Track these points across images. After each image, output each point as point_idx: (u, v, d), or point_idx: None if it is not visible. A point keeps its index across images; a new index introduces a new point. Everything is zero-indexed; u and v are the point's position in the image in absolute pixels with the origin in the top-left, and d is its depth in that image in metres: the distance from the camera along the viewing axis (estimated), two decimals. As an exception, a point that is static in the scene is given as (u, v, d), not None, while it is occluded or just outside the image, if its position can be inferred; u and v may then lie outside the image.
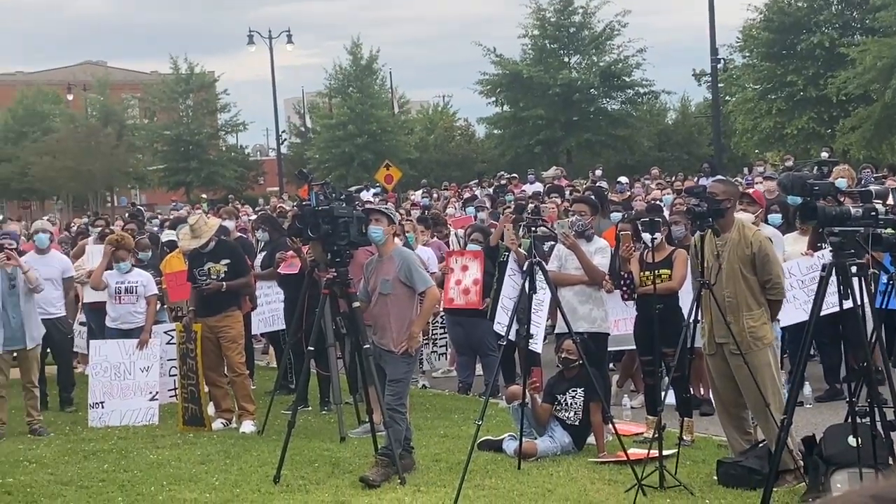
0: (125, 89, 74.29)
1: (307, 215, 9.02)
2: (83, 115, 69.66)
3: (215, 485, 8.50)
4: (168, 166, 63.90)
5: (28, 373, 10.97)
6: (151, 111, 68.67)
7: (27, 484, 8.78)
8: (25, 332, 10.87)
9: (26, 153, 64.76)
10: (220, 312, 10.81)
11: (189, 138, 62.65)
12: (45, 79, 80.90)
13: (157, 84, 67.02)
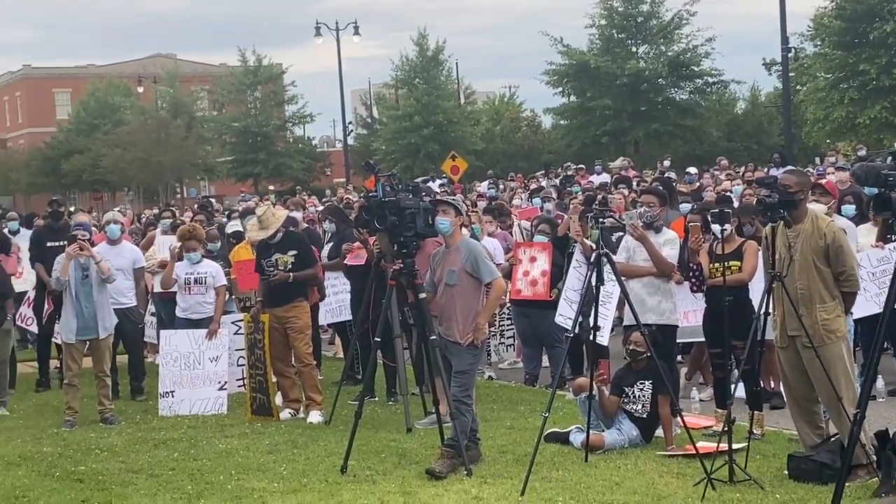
0: (194, 81, 75.10)
1: (374, 206, 9.02)
2: (153, 107, 70.59)
3: (283, 474, 8.55)
4: (236, 158, 64.51)
5: (100, 362, 11.12)
6: (220, 103, 69.37)
7: (98, 471, 8.90)
8: (98, 322, 11.02)
9: (98, 145, 65.78)
10: (288, 303, 10.86)
11: (257, 130, 63.20)
12: (116, 71, 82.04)
13: (225, 76, 67.69)
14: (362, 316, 10.81)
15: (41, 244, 13.40)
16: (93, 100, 74.21)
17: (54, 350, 13.57)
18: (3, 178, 74.69)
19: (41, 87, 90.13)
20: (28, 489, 8.40)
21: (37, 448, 9.92)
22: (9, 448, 9.97)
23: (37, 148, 75.74)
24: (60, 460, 9.38)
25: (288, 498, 7.85)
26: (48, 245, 13.16)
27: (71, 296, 10.96)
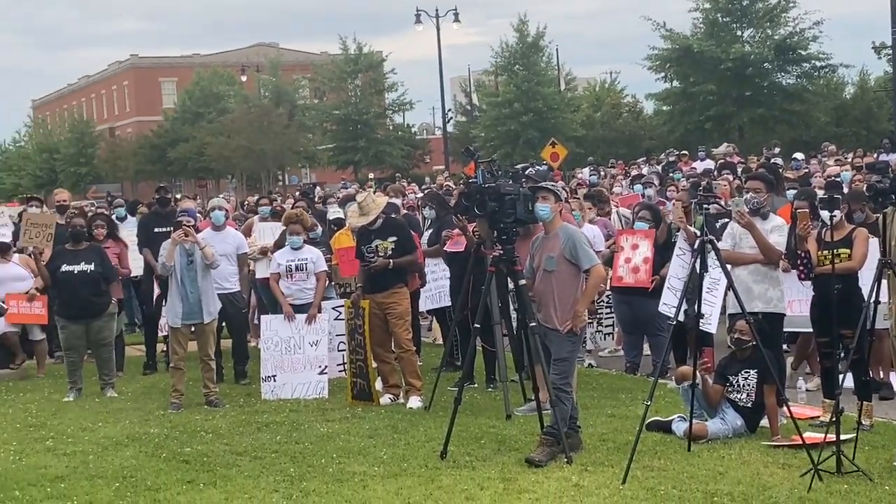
0: (296, 70, 75.91)
1: (473, 193, 8.99)
2: (256, 95, 71.54)
3: (383, 458, 8.59)
4: (337, 145, 65.09)
5: (205, 346, 11.30)
6: (321, 91, 70.01)
7: (204, 453, 9.04)
8: (202, 307, 11.20)
9: (202, 133, 66.92)
10: (388, 289, 10.91)
11: (357, 118, 63.65)
12: (220, 60, 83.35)
13: (326, 64, 68.27)
14: (461, 302, 10.80)
15: (149, 230, 13.67)
16: (197, 89, 75.47)
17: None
18: (111, 165, 76.53)
19: (148, 77, 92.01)
20: (136, 469, 8.57)
21: (144, 429, 10.12)
22: (117, 429, 10.19)
23: (144, 136, 77.42)
24: (167, 441, 9.56)
25: (388, 482, 7.89)
26: (155, 231, 13.42)
27: (176, 281, 11.16)
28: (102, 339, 12.13)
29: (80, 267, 11.99)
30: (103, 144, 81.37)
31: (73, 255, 12.13)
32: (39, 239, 13.67)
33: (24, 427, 10.48)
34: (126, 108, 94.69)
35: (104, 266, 12.11)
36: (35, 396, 12.19)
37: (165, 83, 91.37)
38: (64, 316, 12.17)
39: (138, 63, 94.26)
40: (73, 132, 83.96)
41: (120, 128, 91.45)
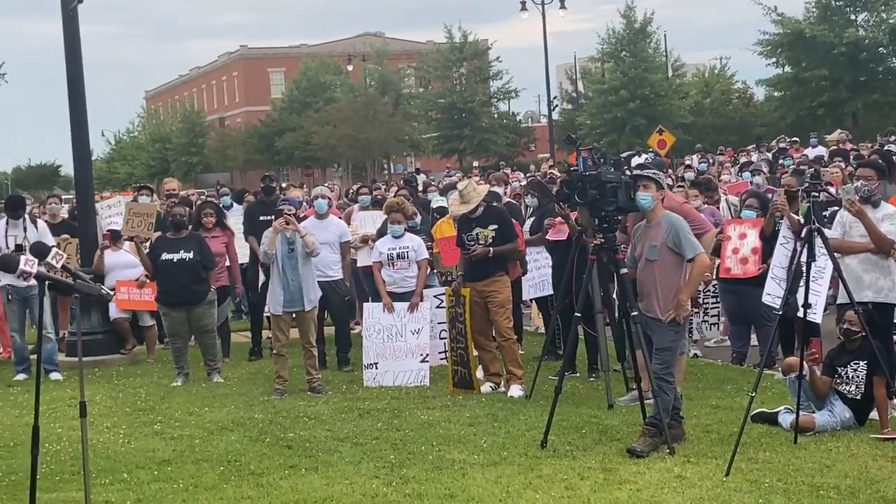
0: (401, 59, 76.33)
1: (575, 181, 8.92)
2: (362, 85, 72.09)
3: (483, 447, 8.58)
4: (441, 134, 65.29)
5: (306, 334, 11.42)
6: (426, 80, 70.29)
7: (306, 438, 9.14)
8: (303, 295, 11.31)
9: (309, 123, 67.69)
10: (488, 277, 10.89)
11: (462, 106, 63.75)
12: (326, 50, 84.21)
13: (432, 53, 68.50)
14: (563, 291, 10.73)
15: (254, 218, 13.86)
16: (305, 78, 76.37)
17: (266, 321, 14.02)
18: (221, 155, 77.92)
19: (257, 67, 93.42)
20: (240, 453, 8.70)
21: (248, 414, 10.27)
22: (223, 414, 10.36)
23: (252, 126, 78.64)
24: (270, 427, 9.69)
25: (488, 470, 7.88)
26: (260, 219, 13.59)
27: (278, 269, 11.30)
28: (204, 326, 12.33)
29: (179, 255, 12.19)
30: (213, 134, 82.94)
31: (172, 244, 12.35)
32: (141, 228, 13.97)
33: (134, 411, 10.72)
34: (235, 98, 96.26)
35: (203, 254, 12.30)
36: (145, 381, 12.46)
37: (274, 73, 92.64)
38: (164, 303, 12.41)
39: (247, 54, 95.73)
40: (185, 122, 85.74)
41: (229, 118, 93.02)
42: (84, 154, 14.73)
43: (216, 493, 7.57)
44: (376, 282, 12.17)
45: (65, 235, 15.00)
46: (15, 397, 11.73)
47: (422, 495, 7.30)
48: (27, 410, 10.88)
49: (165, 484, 7.87)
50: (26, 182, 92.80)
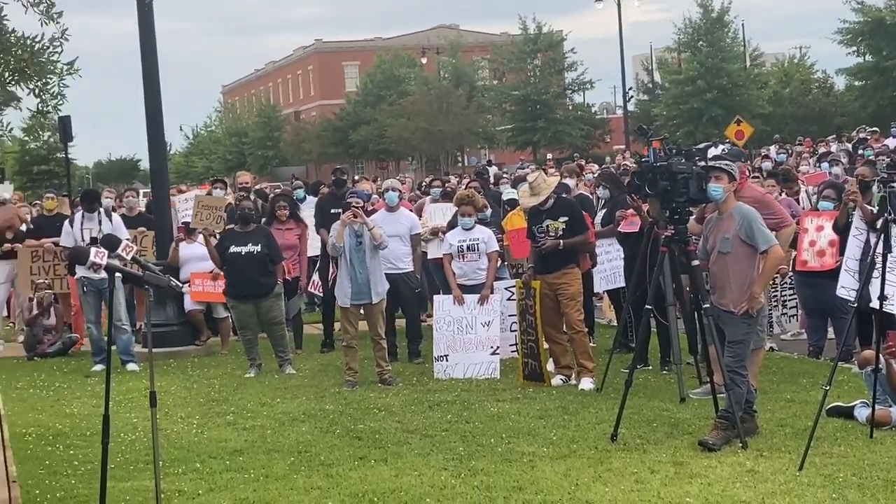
0: (475, 51, 76.31)
1: (646, 172, 8.83)
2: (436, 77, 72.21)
3: (553, 440, 8.54)
4: (516, 126, 65.18)
5: (375, 326, 11.44)
6: (500, 72, 70.20)
7: (376, 430, 9.18)
8: (371, 288, 11.33)
9: (383, 116, 68.02)
10: (559, 270, 10.83)
11: (536, 98, 63.59)
12: (401, 43, 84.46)
13: (506, 45, 68.37)
14: (635, 283, 10.62)
15: (325, 211, 13.93)
16: (379, 72, 76.73)
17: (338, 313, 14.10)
18: (296, 148, 78.62)
19: (331, 61, 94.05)
20: (311, 444, 8.76)
21: (320, 406, 10.33)
22: (294, 405, 10.44)
23: (327, 119, 79.21)
24: (341, 418, 9.74)
25: (557, 463, 7.84)
26: (331, 212, 13.64)
27: (346, 261, 11.34)
28: (272, 319, 12.42)
29: (247, 248, 12.29)
30: (288, 128, 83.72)
31: (240, 237, 12.45)
32: (210, 220, 14.12)
33: (207, 402, 10.84)
34: (310, 91, 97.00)
35: (270, 247, 12.38)
36: (218, 372, 12.60)
37: (348, 67, 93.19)
38: (233, 296, 12.54)
39: (322, 48, 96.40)
40: (261, 116, 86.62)
41: (304, 111, 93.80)
42: (159, 148, 14.94)
43: (286, 484, 7.63)
44: (446, 274, 12.16)
45: (141, 228, 15.25)
46: (92, 388, 11.94)
47: (490, 487, 7.28)
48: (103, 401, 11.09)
49: (237, 474, 7.95)
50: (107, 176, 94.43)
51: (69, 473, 8.19)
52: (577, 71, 66.81)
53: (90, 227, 13.25)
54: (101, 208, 13.71)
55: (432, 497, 7.12)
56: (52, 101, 8.02)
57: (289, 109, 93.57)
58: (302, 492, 7.43)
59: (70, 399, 11.37)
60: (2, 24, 7.59)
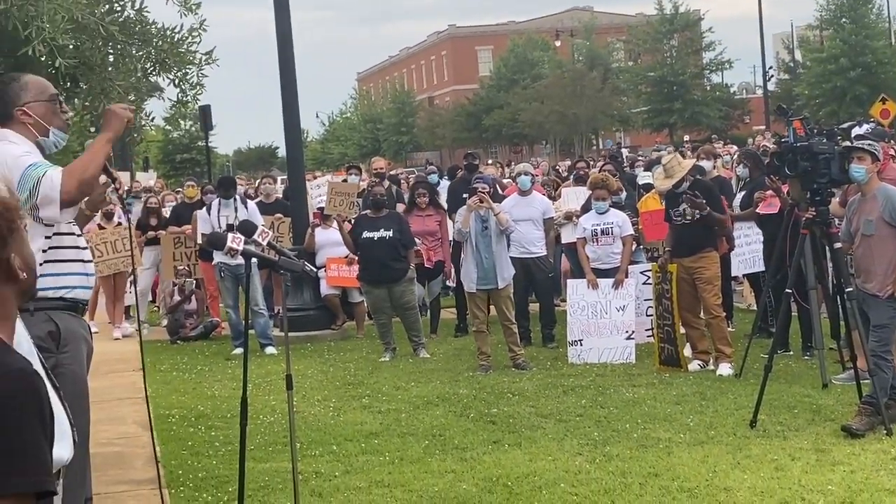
0: (610, 33, 75.60)
1: (786, 152, 8.59)
2: (570, 60, 71.74)
3: (690, 425, 8.41)
4: (651, 108, 64.35)
5: (503, 311, 11.40)
6: (636, 53, 69.38)
7: (510, 414, 9.17)
8: (497, 273, 11.28)
9: (517, 100, 67.90)
10: (696, 253, 10.64)
11: (673, 79, 62.66)
12: (534, 27, 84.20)
13: (641, 26, 67.52)
14: (775, 266, 10.38)
15: (457, 195, 13.96)
16: (512, 56, 76.60)
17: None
18: (430, 134, 79.10)
19: (465, 46, 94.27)
20: (444, 428, 8.80)
21: (454, 390, 10.37)
22: (429, 388, 10.50)
23: (460, 104, 79.43)
24: (475, 402, 9.75)
25: (694, 449, 7.71)
26: (464, 197, 13.67)
27: (472, 247, 11.32)
28: (405, 304, 12.49)
29: (379, 233, 12.39)
30: (422, 113, 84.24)
31: (373, 222, 12.56)
32: (343, 206, 14.26)
33: (344, 385, 10.98)
34: (444, 77, 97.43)
35: (402, 232, 12.46)
36: (354, 356, 12.76)
37: (481, 51, 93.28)
38: (366, 281, 12.66)
39: (456, 33, 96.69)
40: (395, 102, 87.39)
41: (438, 97, 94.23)
42: (295, 136, 15.18)
43: (421, 467, 7.67)
44: (580, 258, 12.07)
45: (278, 215, 15.51)
46: (232, 370, 12.22)
47: (625, 473, 7.20)
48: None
49: (372, 456, 8.03)
50: (245, 164, 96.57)
51: (210, 454, 8.39)
52: (715, 51, 65.63)
53: (226, 213, 13.51)
54: (237, 195, 13.99)
55: (566, 482, 7.07)
56: (191, 91, 8.15)
57: (422, 95, 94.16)
58: (436, 475, 7.46)
59: (211, 381, 11.66)
60: (143, 16, 7.75)
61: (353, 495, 7.09)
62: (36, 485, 2.39)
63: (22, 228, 2.62)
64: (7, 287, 2.58)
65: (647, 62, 66.61)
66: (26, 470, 2.37)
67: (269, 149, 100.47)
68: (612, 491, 6.84)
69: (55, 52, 5.89)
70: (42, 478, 2.40)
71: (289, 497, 7.00)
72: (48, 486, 2.41)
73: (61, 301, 4.97)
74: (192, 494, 7.31)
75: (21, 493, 2.37)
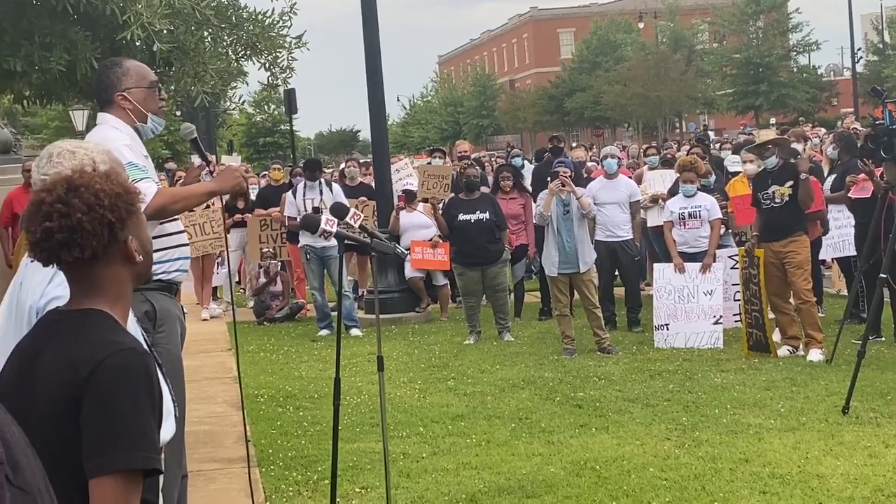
0: (695, 14, 74.63)
1: (880, 134, 8.43)
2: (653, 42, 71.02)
3: (780, 411, 8.30)
4: (736, 90, 63.52)
5: (586, 296, 11.31)
6: (721, 35, 68.43)
7: (596, 398, 9.13)
8: (578, 257, 11.21)
9: (599, 82, 67.44)
10: (786, 237, 10.48)
11: (759, 60, 61.75)
12: (617, 9, 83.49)
13: (727, 7, 66.56)
14: (868, 251, 10.19)
15: (542, 179, 13.88)
16: (595, 38, 76.07)
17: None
18: (511, 117, 78.90)
19: (546, 28, 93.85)
20: (531, 411, 8.79)
21: (539, 373, 10.36)
22: (513, 372, 10.50)
23: (542, 87, 79.10)
24: (560, 386, 9.73)
25: (785, 436, 7.62)
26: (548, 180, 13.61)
27: (553, 230, 11.27)
28: (498, 285, 12.51)
29: (475, 216, 12.41)
30: (503, 96, 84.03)
31: (467, 205, 12.58)
32: (437, 189, 14.29)
33: (428, 367, 11.02)
34: (525, 59, 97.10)
35: (497, 215, 12.47)
36: (438, 339, 12.79)
37: (563, 34, 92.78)
38: (461, 263, 12.67)
39: (537, 15, 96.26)
40: (476, 86, 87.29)
41: (519, 80, 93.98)
42: (380, 119, 15.23)
43: (508, 449, 7.68)
44: (667, 242, 11.97)
45: (362, 198, 15.59)
46: (319, 352, 12.34)
47: (715, 458, 7.14)
48: (330, 364, 11.45)
49: (459, 438, 8.06)
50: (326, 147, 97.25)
51: (299, 434, 8.49)
52: (801, 32, 64.45)
53: (312, 196, 13.62)
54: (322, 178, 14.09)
55: (656, 466, 7.03)
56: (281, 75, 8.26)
57: (504, 78, 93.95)
58: (523, 458, 7.46)
59: (298, 363, 11.78)
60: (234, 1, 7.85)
61: (440, 476, 7.12)
62: (145, 462, 2.44)
63: (141, 213, 2.68)
64: (124, 268, 2.64)
65: (732, 44, 65.69)
66: (136, 447, 2.42)
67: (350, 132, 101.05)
68: (702, 476, 6.79)
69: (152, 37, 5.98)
70: (151, 455, 2.45)
71: (377, 477, 7.06)
72: (156, 464, 2.46)
73: (158, 282, 5.05)
74: (283, 473, 7.40)
75: (130, 469, 2.42)
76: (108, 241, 2.56)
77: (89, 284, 2.61)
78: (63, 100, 8.88)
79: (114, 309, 2.62)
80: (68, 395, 2.44)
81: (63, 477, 2.39)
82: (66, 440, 2.43)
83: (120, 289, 2.64)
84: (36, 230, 2.56)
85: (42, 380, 2.50)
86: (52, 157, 3.39)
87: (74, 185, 2.57)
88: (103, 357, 2.45)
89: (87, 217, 2.53)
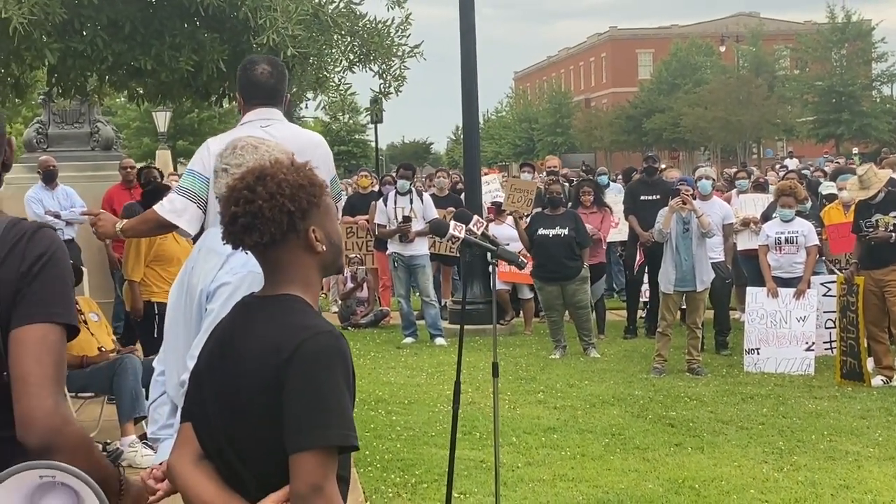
0: (777, 40, 74.00)
1: None
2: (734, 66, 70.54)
3: (878, 440, 8.24)
4: (817, 118, 62.85)
5: (693, 314, 11.31)
6: (803, 61, 67.78)
7: (689, 418, 9.11)
8: (696, 275, 11.21)
9: (679, 104, 67.06)
10: (888, 265, 10.37)
11: (841, 89, 61.07)
12: (698, 31, 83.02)
13: (810, 34, 65.95)
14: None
15: (635, 197, 13.91)
16: (674, 60, 75.69)
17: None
18: (587, 135, 78.71)
19: (625, 48, 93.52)
20: (623, 427, 8.81)
21: (628, 391, 10.35)
22: (602, 388, 10.51)
23: (619, 107, 78.81)
24: (651, 404, 9.73)
25: (885, 464, 7.57)
26: (641, 199, 13.63)
27: (671, 248, 11.27)
28: (578, 302, 12.48)
29: (555, 231, 12.43)
30: (579, 115, 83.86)
31: (550, 220, 12.60)
32: (521, 203, 14.35)
33: (516, 379, 11.06)
34: (602, 79, 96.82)
35: (579, 231, 12.46)
36: (524, 352, 12.82)
37: (642, 54, 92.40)
38: (539, 277, 12.69)
39: (616, 35, 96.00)
40: (551, 103, 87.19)
41: (595, 98, 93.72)
42: (473, 131, 15.35)
43: (603, 464, 7.71)
44: (762, 266, 11.90)
45: (450, 208, 15.68)
46: (405, 359, 12.43)
47: (815, 483, 7.11)
48: (417, 371, 11.57)
49: (552, 450, 8.10)
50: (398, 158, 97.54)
51: (393, 437, 8.58)
52: (887, 62, 63.65)
53: (402, 205, 13.75)
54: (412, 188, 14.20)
55: (755, 488, 7.02)
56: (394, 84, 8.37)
57: (580, 96, 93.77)
58: (619, 473, 7.48)
59: (385, 368, 11.88)
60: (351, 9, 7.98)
61: (537, 486, 7.17)
62: (344, 439, 2.55)
63: (328, 205, 2.79)
64: (308, 256, 2.76)
65: (814, 71, 65.03)
66: (334, 425, 2.53)
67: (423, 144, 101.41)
68: (803, 500, 6.78)
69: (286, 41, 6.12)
70: (347, 432, 2.55)
71: (474, 483, 7.15)
72: (352, 441, 2.56)
73: None
74: (381, 475, 7.49)
75: (327, 446, 2.52)
76: (286, 228, 2.68)
77: (275, 269, 2.75)
78: (178, 101, 9.09)
79: (305, 294, 2.74)
80: (271, 376, 2.56)
81: (269, 446, 2.56)
82: (273, 411, 2.56)
83: (307, 276, 2.77)
84: (225, 214, 2.70)
85: (248, 359, 2.63)
86: (235, 148, 3.53)
87: (263, 174, 2.71)
88: (301, 340, 2.57)
89: (268, 204, 2.66)
